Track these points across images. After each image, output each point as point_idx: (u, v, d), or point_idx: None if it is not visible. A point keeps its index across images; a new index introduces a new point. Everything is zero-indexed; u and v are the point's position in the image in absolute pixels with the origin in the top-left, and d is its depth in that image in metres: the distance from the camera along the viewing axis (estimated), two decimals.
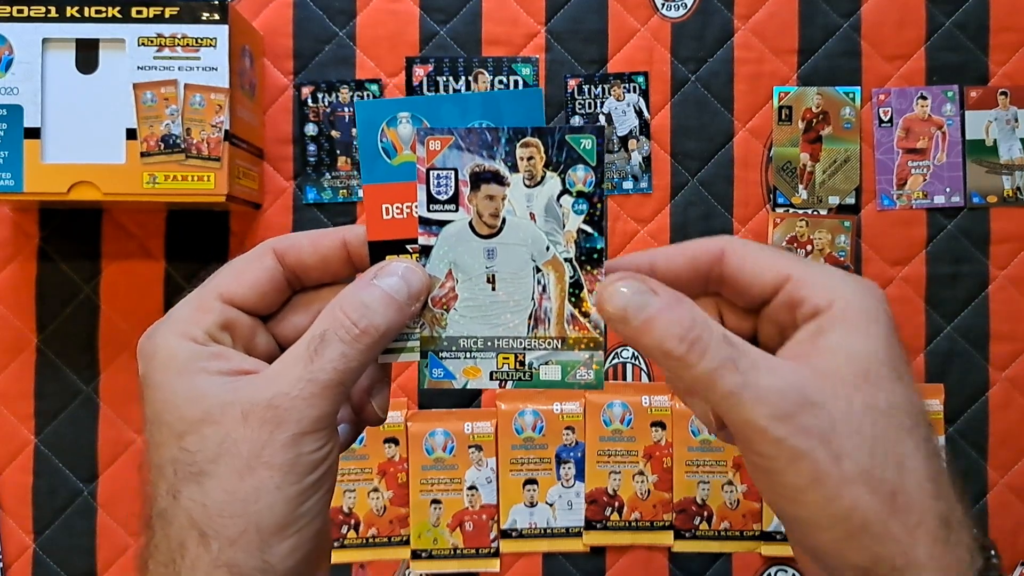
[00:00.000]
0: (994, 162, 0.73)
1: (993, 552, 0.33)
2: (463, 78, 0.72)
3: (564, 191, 0.33)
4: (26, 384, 0.71)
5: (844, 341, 0.31)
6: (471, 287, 0.32)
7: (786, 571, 0.72)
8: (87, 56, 0.62)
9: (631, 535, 0.71)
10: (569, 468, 0.71)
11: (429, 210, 0.33)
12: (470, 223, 0.33)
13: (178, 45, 0.62)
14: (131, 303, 0.71)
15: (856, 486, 0.30)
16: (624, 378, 0.72)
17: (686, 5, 0.73)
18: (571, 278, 0.34)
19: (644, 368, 0.72)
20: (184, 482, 0.32)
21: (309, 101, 0.72)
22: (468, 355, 0.34)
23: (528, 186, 0.33)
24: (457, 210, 0.33)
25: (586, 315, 0.34)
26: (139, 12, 0.62)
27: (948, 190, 0.73)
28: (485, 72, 0.72)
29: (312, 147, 0.72)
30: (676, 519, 0.71)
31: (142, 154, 0.62)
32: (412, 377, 0.72)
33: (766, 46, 0.73)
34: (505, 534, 0.71)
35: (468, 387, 0.35)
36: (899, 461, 0.30)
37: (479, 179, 0.33)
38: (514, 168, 0.33)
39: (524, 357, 0.34)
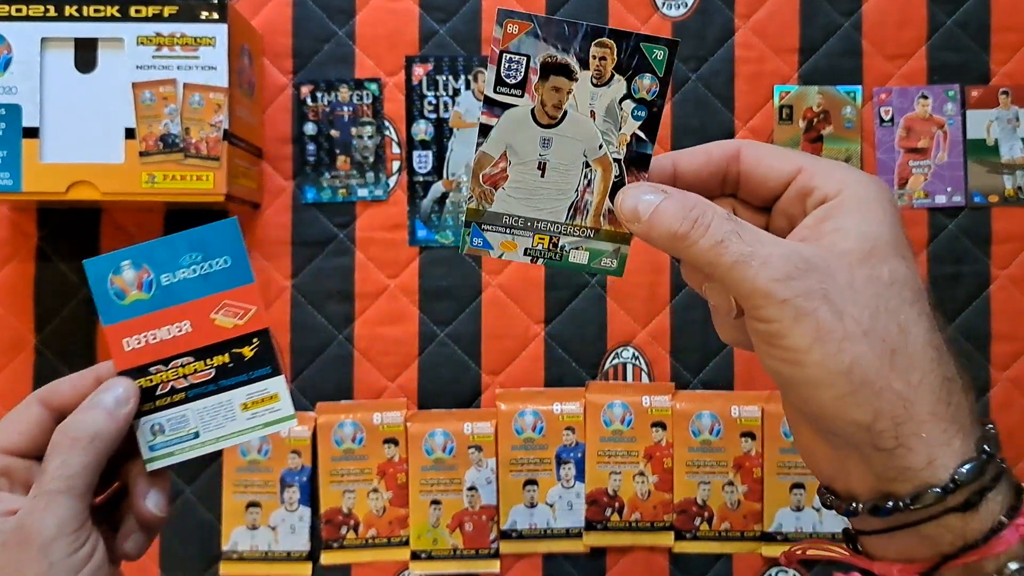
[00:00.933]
0: (995, 161, 0.73)
1: (991, 426, 0.34)
2: (462, 77, 0.72)
3: (627, 95, 0.34)
4: (25, 384, 0.71)
5: (850, 223, 0.33)
6: (522, 171, 0.34)
7: (786, 572, 0.72)
8: (86, 55, 0.62)
9: (631, 536, 0.71)
10: (569, 469, 0.71)
11: (496, 91, 0.34)
12: (532, 110, 0.34)
13: (177, 44, 0.62)
14: None
15: (857, 342, 0.31)
16: (624, 378, 0.72)
17: (687, 4, 0.73)
18: (616, 177, 0.35)
19: (644, 368, 0.72)
20: None
21: (308, 100, 0.72)
22: (508, 231, 0.36)
23: (595, 85, 0.34)
24: (523, 96, 0.34)
25: None
26: (138, 11, 0.62)
27: (949, 190, 0.73)
28: (485, 71, 0.72)
29: (311, 146, 0.72)
30: (677, 520, 0.71)
31: (141, 153, 0.62)
32: (412, 378, 0.72)
33: (767, 45, 0.73)
34: (505, 535, 0.70)
35: (503, 258, 0.37)
36: (901, 326, 0.31)
37: (549, 70, 0.34)
38: (585, 65, 0.33)
39: (559, 240, 0.36)
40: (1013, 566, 0.30)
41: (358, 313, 0.72)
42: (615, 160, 0.35)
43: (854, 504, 0.33)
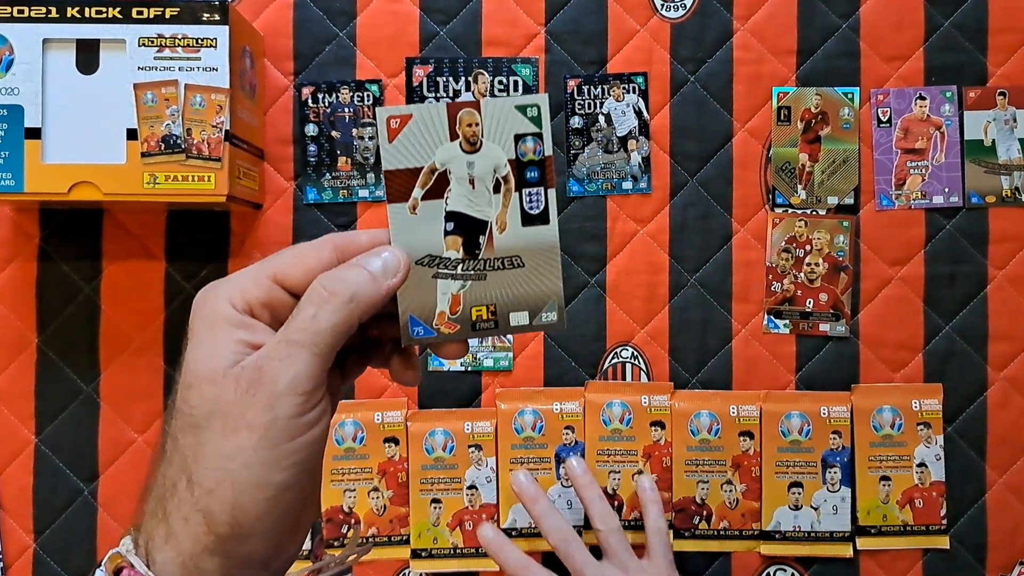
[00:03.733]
0: (992, 162, 0.73)
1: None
2: (463, 79, 0.73)
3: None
4: (27, 384, 0.71)
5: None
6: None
7: (785, 570, 0.72)
8: (88, 56, 0.62)
9: (631, 534, 0.71)
10: None
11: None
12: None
13: (179, 46, 0.62)
14: (132, 303, 0.72)
15: None
16: (623, 377, 0.72)
17: (685, 6, 0.73)
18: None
19: (644, 367, 0.72)
20: (183, 430, 0.35)
21: (309, 101, 0.72)
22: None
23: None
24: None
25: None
26: (139, 13, 0.62)
27: (947, 190, 0.73)
28: (485, 73, 0.73)
29: (312, 147, 0.72)
30: (675, 518, 0.71)
31: (143, 154, 0.62)
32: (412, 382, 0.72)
33: (765, 47, 0.73)
34: (505, 533, 0.71)
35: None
36: None
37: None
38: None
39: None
40: None
41: None
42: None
43: None
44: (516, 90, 0.73)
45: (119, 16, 0.62)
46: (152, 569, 0.34)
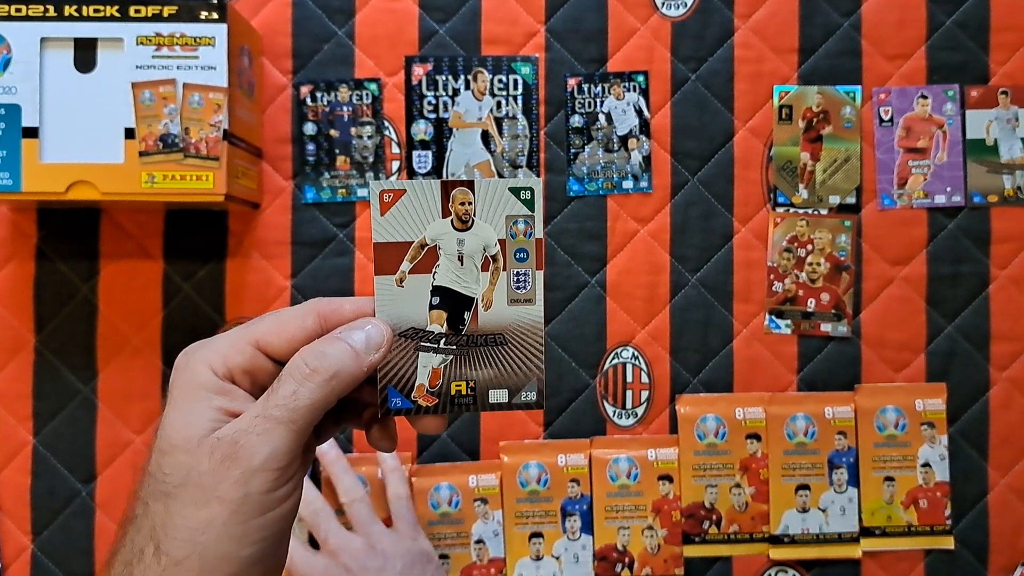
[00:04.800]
0: (995, 161, 0.73)
1: None
2: (462, 77, 0.72)
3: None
4: (24, 384, 0.71)
5: None
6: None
7: (786, 572, 0.72)
8: (85, 55, 0.62)
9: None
10: (575, 521, 0.71)
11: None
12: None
13: (176, 44, 0.62)
14: (129, 303, 0.71)
15: None
16: (624, 377, 0.72)
17: (686, 4, 0.73)
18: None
19: (644, 368, 0.72)
20: (154, 496, 0.35)
21: (308, 100, 0.72)
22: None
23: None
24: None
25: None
26: (137, 11, 0.62)
27: (949, 189, 0.73)
28: (484, 71, 0.72)
29: (311, 146, 0.72)
30: (685, 524, 0.71)
31: (140, 153, 0.62)
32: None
33: (766, 45, 0.73)
34: None
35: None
36: None
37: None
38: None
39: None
40: None
41: None
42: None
43: None
44: (516, 88, 0.72)
45: (117, 15, 0.62)
46: None
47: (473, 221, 0.39)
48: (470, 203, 0.39)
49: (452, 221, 0.39)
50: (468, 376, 0.40)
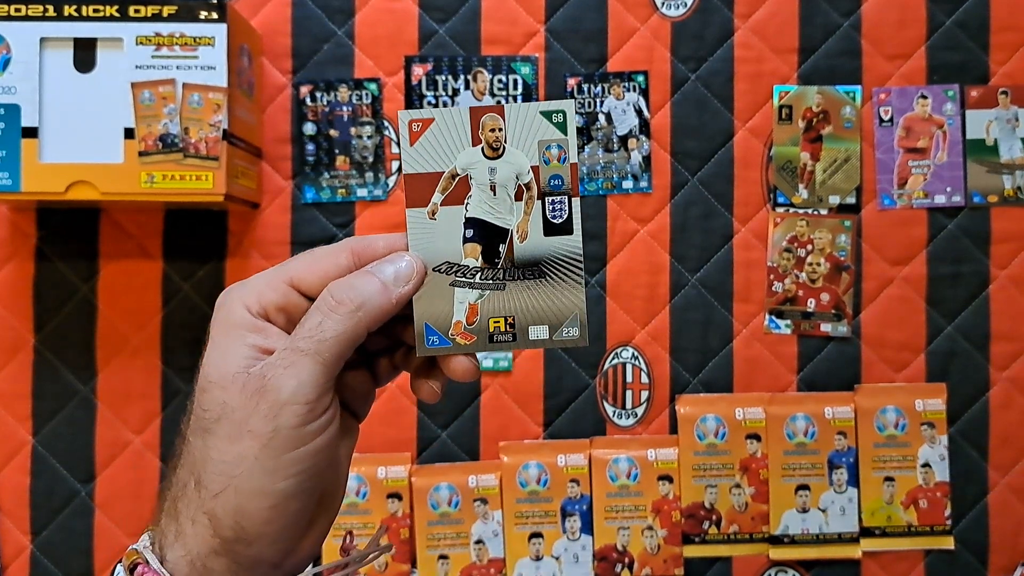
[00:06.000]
0: (995, 161, 0.73)
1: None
2: (462, 77, 0.72)
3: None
4: (24, 384, 0.71)
5: None
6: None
7: (786, 572, 0.71)
8: (85, 55, 0.62)
9: None
10: (575, 521, 0.71)
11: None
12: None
13: (176, 44, 0.62)
14: (129, 303, 0.71)
15: None
16: (624, 377, 0.72)
17: (686, 4, 0.73)
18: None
19: (644, 368, 0.72)
20: (194, 432, 0.36)
21: (307, 100, 0.72)
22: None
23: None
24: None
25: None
26: (137, 11, 0.62)
27: (949, 190, 0.73)
28: (484, 71, 0.72)
29: (311, 146, 0.72)
30: (685, 524, 0.71)
31: (140, 153, 0.62)
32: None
33: (766, 45, 0.73)
34: None
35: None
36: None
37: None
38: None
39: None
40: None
41: None
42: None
43: None
44: (516, 88, 0.72)
45: (116, 14, 0.62)
46: (164, 567, 0.35)
47: (504, 148, 0.38)
48: (500, 129, 0.38)
49: (483, 149, 0.38)
50: (507, 311, 0.38)
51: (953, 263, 0.73)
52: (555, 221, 0.38)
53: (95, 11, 0.62)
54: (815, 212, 0.73)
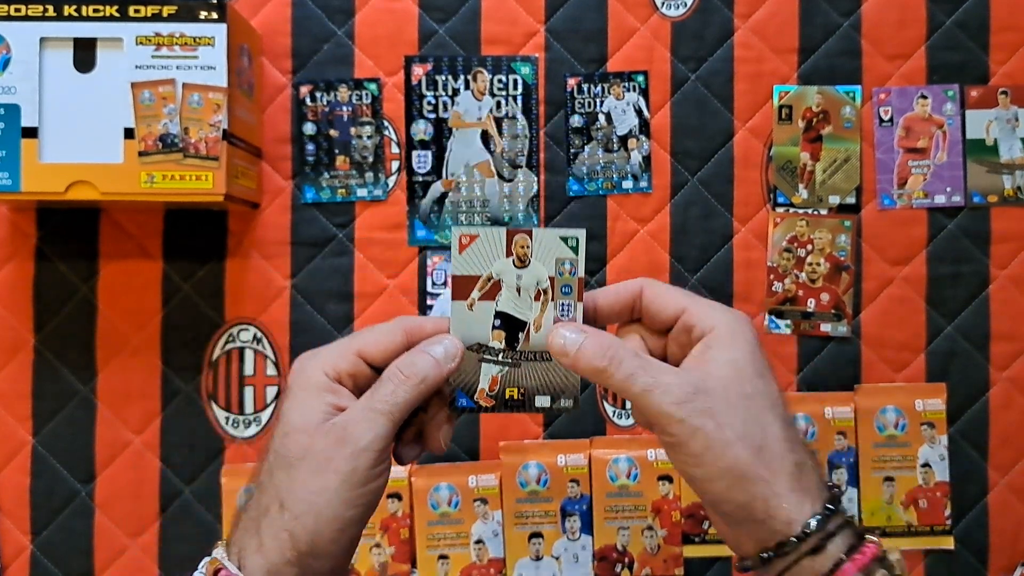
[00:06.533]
0: (995, 161, 0.73)
1: (836, 489, 0.45)
2: (462, 77, 0.72)
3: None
4: (23, 384, 0.71)
5: (721, 353, 0.45)
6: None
7: None
8: (85, 55, 0.62)
9: None
10: (575, 521, 0.71)
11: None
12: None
13: (176, 44, 0.62)
14: (129, 303, 0.71)
15: (734, 446, 0.42)
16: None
17: (686, 4, 0.73)
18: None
19: None
20: (278, 467, 0.44)
21: (307, 100, 0.72)
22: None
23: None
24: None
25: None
26: (137, 11, 0.62)
27: (948, 189, 0.73)
28: (484, 71, 0.72)
29: (311, 146, 0.72)
30: (685, 524, 0.71)
31: (140, 153, 0.62)
32: None
33: (766, 45, 0.73)
34: None
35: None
36: (764, 428, 0.43)
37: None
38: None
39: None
40: None
41: (357, 313, 0.72)
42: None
43: (747, 560, 0.45)
44: (516, 88, 0.72)
45: (116, 14, 0.62)
46: (243, 572, 0.43)
47: (530, 261, 0.48)
48: (528, 247, 0.48)
49: (513, 260, 0.48)
50: (519, 384, 0.49)
51: (953, 263, 0.73)
52: (563, 318, 0.48)
53: (95, 11, 0.62)
54: (815, 212, 0.73)
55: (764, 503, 0.42)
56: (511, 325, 0.49)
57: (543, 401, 0.50)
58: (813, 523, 0.42)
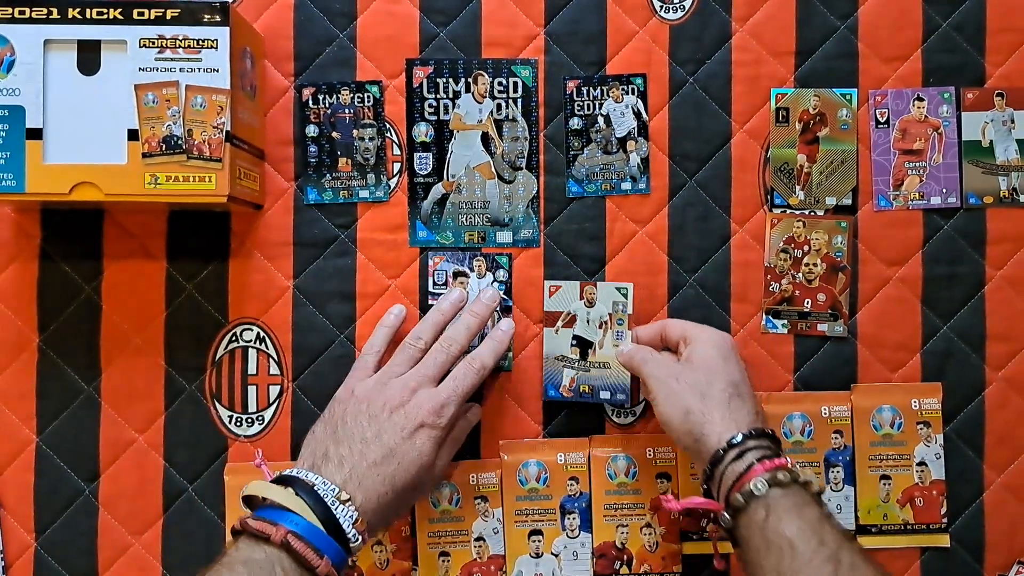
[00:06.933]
0: (990, 163, 0.74)
1: (759, 425, 0.61)
2: (463, 80, 0.73)
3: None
4: (27, 384, 0.71)
5: (695, 349, 0.65)
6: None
7: None
8: (89, 57, 0.63)
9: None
10: (574, 519, 0.71)
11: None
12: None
13: (179, 47, 0.62)
14: (132, 303, 0.72)
15: (686, 393, 0.62)
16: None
17: (684, 7, 0.74)
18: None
19: None
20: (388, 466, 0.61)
21: (310, 102, 0.73)
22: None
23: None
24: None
25: None
26: (140, 14, 0.62)
27: (944, 191, 0.74)
28: (485, 74, 0.73)
29: (313, 148, 0.73)
30: (683, 522, 0.72)
31: (143, 155, 0.62)
32: None
33: (764, 48, 0.74)
34: None
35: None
36: (710, 384, 0.63)
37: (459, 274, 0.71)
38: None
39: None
40: (758, 485, 0.57)
41: (359, 313, 0.72)
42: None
43: (706, 484, 0.62)
44: (516, 91, 0.73)
45: (120, 17, 0.62)
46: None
47: (596, 302, 0.70)
48: (594, 293, 0.70)
49: (584, 302, 0.70)
50: (589, 383, 0.70)
51: (949, 264, 0.73)
52: (618, 341, 0.70)
53: (99, 14, 0.62)
54: (812, 213, 0.73)
55: (701, 428, 0.60)
56: (583, 344, 0.70)
57: (605, 395, 0.70)
58: (738, 438, 0.59)
